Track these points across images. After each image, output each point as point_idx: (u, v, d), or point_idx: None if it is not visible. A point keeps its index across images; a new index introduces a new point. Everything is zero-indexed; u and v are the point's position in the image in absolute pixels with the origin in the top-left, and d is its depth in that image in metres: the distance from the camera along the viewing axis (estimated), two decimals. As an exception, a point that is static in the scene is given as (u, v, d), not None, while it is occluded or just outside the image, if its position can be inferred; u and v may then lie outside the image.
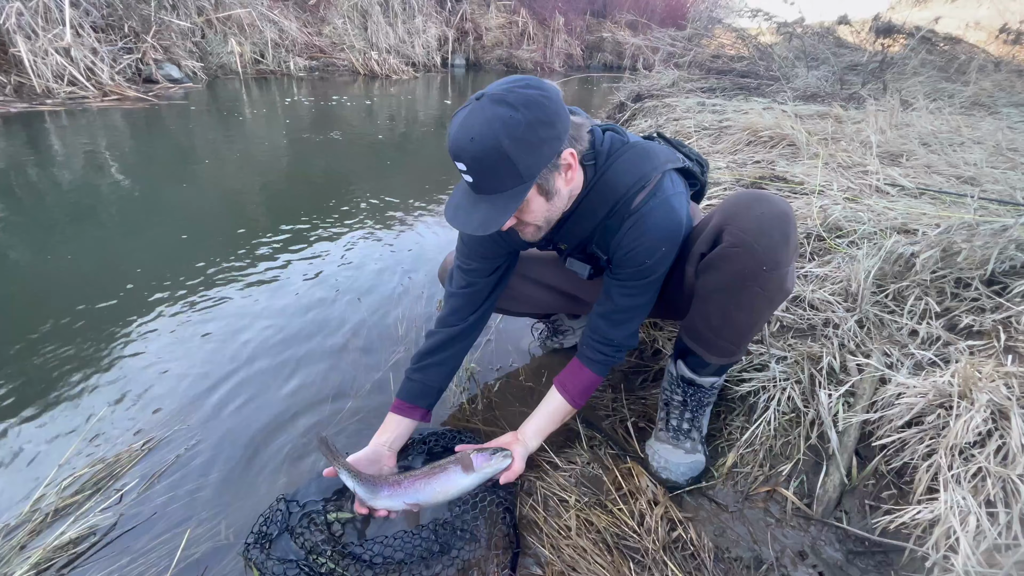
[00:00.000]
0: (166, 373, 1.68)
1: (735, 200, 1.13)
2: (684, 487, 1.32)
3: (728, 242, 1.09)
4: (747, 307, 1.16)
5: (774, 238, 1.06)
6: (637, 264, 1.19)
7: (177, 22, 6.23)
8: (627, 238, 1.18)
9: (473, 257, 1.36)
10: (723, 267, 1.11)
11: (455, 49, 10.75)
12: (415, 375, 1.39)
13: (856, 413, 1.29)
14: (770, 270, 1.07)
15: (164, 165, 3.41)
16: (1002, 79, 4.22)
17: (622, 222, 1.18)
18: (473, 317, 1.42)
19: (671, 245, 1.19)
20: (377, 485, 1.22)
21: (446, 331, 1.40)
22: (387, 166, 3.86)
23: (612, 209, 1.18)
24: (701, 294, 1.21)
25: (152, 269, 2.23)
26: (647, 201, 1.16)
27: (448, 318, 1.42)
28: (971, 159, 2.55)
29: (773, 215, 1.07)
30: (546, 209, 1.10)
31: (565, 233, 1.27)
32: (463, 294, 1.39)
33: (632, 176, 1.16)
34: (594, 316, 1.31)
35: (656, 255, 1.17)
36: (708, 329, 1.23)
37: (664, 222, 1.16)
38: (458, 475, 1.20)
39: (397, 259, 2.50)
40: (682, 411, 1.38)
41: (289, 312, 2.03)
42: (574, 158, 1.06)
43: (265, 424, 1.51)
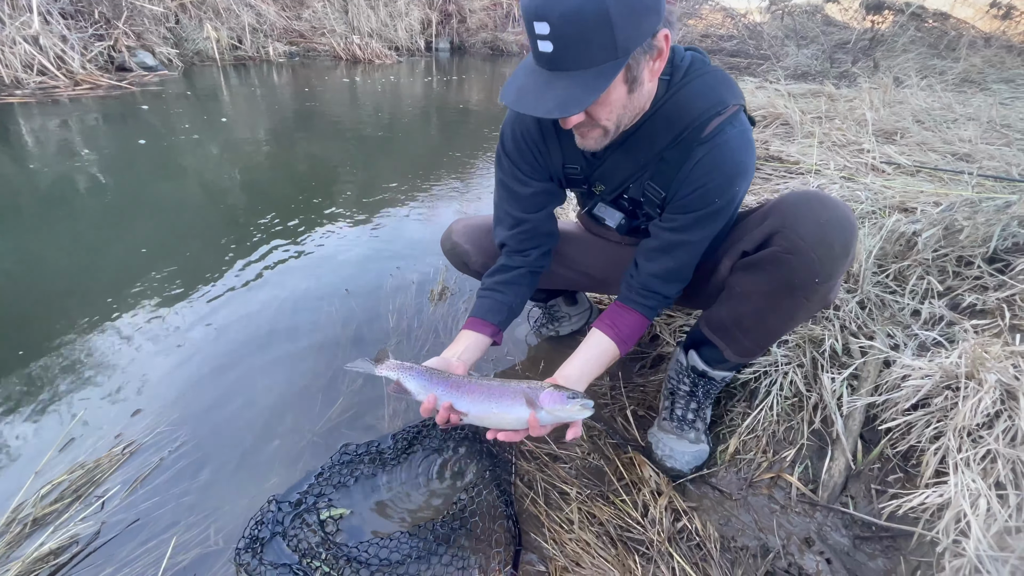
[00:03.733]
0: (147, 373, 1.61)
1: (795, 200, 1.02)
2: (688, 476, 1.29)
3: (782, 247, 1.00)
4: (786, 315, 1.10)
5: (834, 250, 0.97)
6: (704, 205, 1.04)
7: (149, 7, 5.99)
8: (698, 171, 1.01)
9: (513, 192, 1.23)
10: (772, 272, 1.03)
11: (439, 32, 10.51)
12: (484, 292, 1.29)
13: (861, 396, 1.27)
14: (822, 282, 1.00)
15: (140, 157, 3.28)
16: (992, 55, 4.20)
17: (689, 153, 1.02)
18: (535, 252, 1.28)
19: (744, 187, 1.04)
20: (433, 379, 1.11)
21: (509, 274, 1.28)
22: (372, 153, 3.76)
23: (678, 136, 1.02)
24: (737, 292, 1.12)
25: (129, 266, 2.15)
26: (724, 129, 0.99)
27: (506, 262, 1.30)
28: (965, 135, 2.53)
29: (838, 224, 0.96)
30: (624, 104, 0.93)
31: (611, 166, 1.13)
32: (515, 235, 1.27)
33: (708, 100, 0.99)
34: (644, 274, 1.16)
35: (728, 195, 1.03)
36: (737, 327, 1.16)
37: (743, 156, 1.01)
38: (519, 406, 1.04)
39: (385, 248, 2.43)
40: (688, 401, 1.34)
41: (275, 306, 1.96)
42: (667, 42, 0.87)
43: (253, 423, 1.46)
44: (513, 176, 1.23)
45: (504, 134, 1.21)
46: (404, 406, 1.54)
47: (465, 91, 6.46)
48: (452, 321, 1.93)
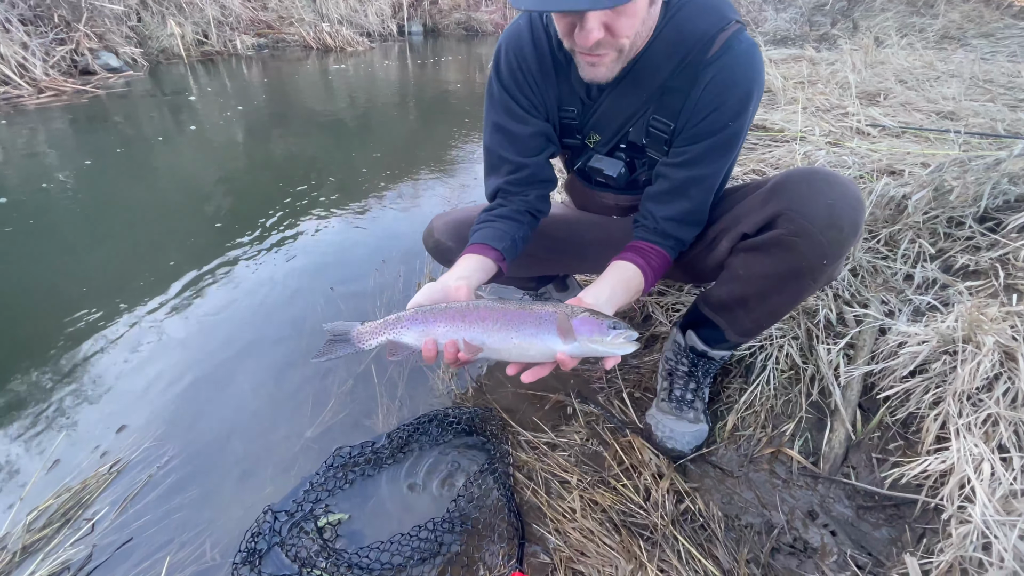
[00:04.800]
0: (130, 387, 1.57)
1: (799, 180, 0.96)
2: (689, 456, 1.28)
3: (788, 230, 0.95)
4: (792, 297, 1.07)
5: (844, 231, 0.92)
6: (718, 130, 0.98)
7: (110, 6, 5.75)
8: (708, 94, 0.95)
9: (509, 133, 1.12)
10: (777, 255, 0.98)
11: (411, 15, 10.26)
12: (479, 225, 1.15)
13: (858, 366, 1.25)
14: (830, 263, 0.97)
15: (111, 163, 3.17)
16: (969, 9, 4.16)
17: (696, 76, 0.96)
18: (534, 193, 1.17)
19: (755, 105, 0.98)
20: (430, 316, 0.90)
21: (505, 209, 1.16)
22: (350, 144, 3.67)
23: (682, 61, 0.95)
24: (740, 274, 1.07)
25: (105, 278, 2.08)
26: (731, 45, 0.93)
27: (501, 202, 1.18)
28: (949, 93, 2.51)
29: (846, 203, 0.92)
30: (643, 19, 0.87)
31: (609, 109, 1.06)
32: (512, 180, 1.15)
33: (710, 17, 0.93)
34: (660, 219, 1.09)
35: (743, 117, 0.97)
36: (740, 308, 1.12)
37: (754, 72, 0.95)
38: (546, 335, 0.85)
39: (369, 243, 2.38)
40: (687, 381, 1.33)
41: (259, 310, 1.91)
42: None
43: (243, 431, 1.42)
44: (509, 112, 1.11)
45: (498, 63, 1.10)
46: (398, 404, 1.51)
47: (441, 73, 6.32)
48: (442, 313, 1.89)
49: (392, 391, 1.55)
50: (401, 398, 1.53)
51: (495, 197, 1.21)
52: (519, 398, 1.51)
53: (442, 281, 1.01)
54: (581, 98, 1.08)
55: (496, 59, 1.11)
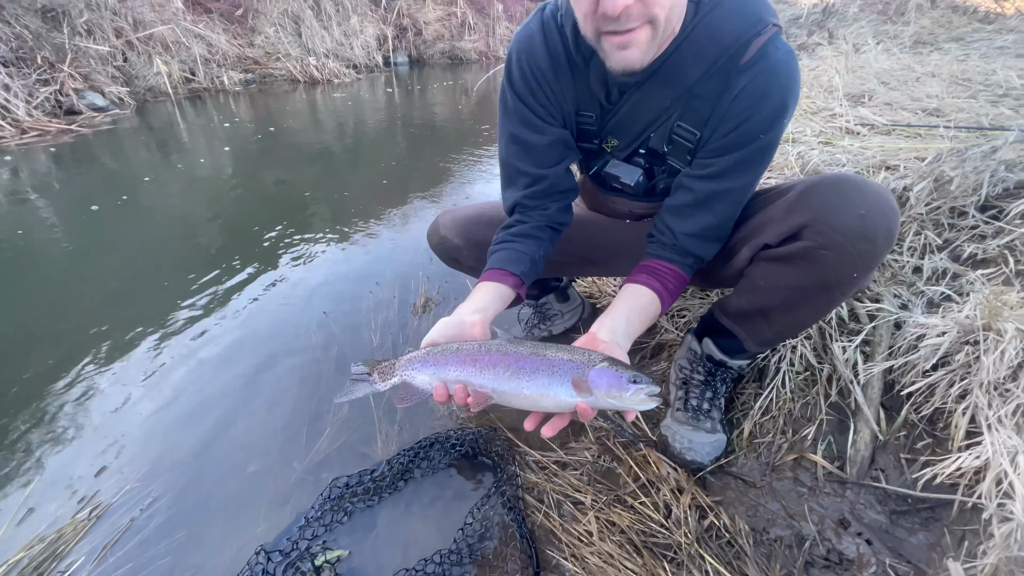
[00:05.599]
0: (110, 427, 1.48)
1: (826, 188, 0.90)
2: (709, 468, 1.21)
3: (816, 242, 0.88)
4: (819, 309, 1.02)
5: (878, 243, 0.86)
6: (748, 142, 0.92)
7: (94, 47, 5.79)
8: (740, 103, 0.89)
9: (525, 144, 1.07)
10: (804, 267, 0.92)
11: (396, 47, 10.42)
12: (498, 246, 1.10)
13: (877, 363, 1.20)
14: (861, 276, 0.91)
15: (97, 201, 3.11)
16: (939, 16, 4.27)
17: (727, 82, 0.89)
18: (555, 206, 1.11)
19: (790, 116, 0.92)
20: (442, 359, 0.86)
21: (525, 226, 1.11)
22: (338, 173, 3.64)
23: (713, 64, 0.88)
24: (761, 285, 1.01)
25: (87, 314, 2.00)
26: (767, 52, 0.86)
27: (520, 218, 1.12)
28: (931, 92, 2.53)
29: (880, 213, 0.85)
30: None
31: (630, 112, 0.99)
32: (530, 193, 1.10)
33: (746, 19, 0.86)
34: (680, 235, 1.02)
35: (776, 129, 0.91)
36: (762, 318, 1.07)
37: (791, 83, 0.89)
38: (558, 387, 0.79)
39: (361, 266, 2.32)
40: (703, 390, 1.27)
41: (249, 340, 1.84)
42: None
43: (234, 467, 1.34)
44: (523, 121, 1.06)
45: (510, 71, 1.05)
46: (397, 428, 1.44)
47: (428, 101, 6.38)
48: (439, 333, 1.83)
49: (391, 415, 1.47)
50: (400, 422, 1.45)
51: (513, 212, 1.15)
52: (524, 416, 1.43)
53: (458, 315, 0.96)
54: (600, 102, 1.02)
55: (508, 67, 1.06)
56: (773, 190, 1.05)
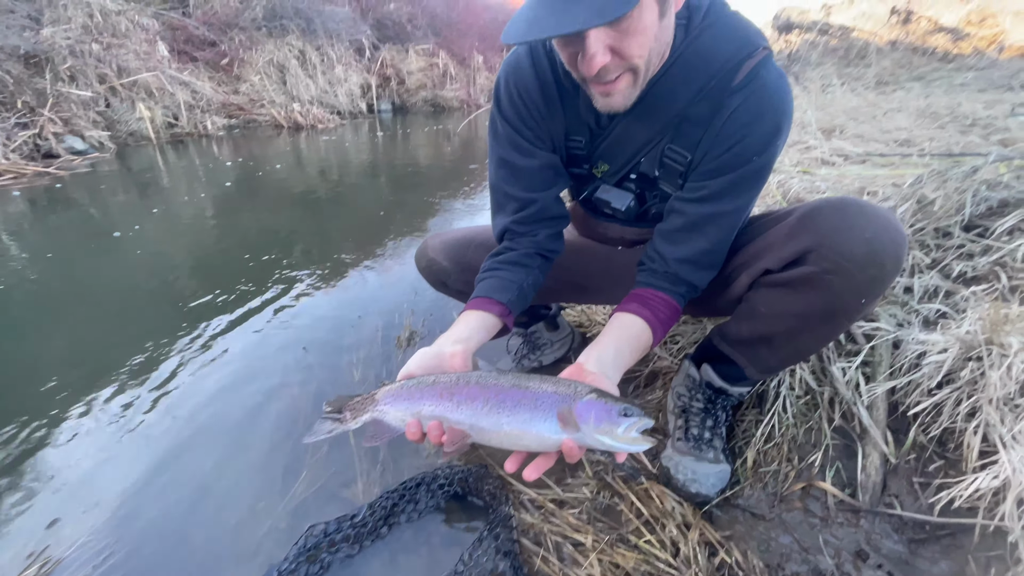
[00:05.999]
0: (64, 477, 1.35)
1: (830, 211, 0.86)
2: (714, 500, 1.14)
3: (821, 267, 0.85)
4: (824, 336, 0.99)
5: (886, 268, 0.83)
6: (741, 164, 0.89)
7: (77, 93, 5.80)
8: (732, 124, 0.87)
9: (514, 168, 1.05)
10: (808, 294, 0.89)
11: (380, 95, 10.70)
12: (484, 274, 1.06)
13: (879, 383, 1.17)
14: (869, 302, 0.88)
15: (71, 244, 3.02)
16: (900, 57, 4.54)
17: (719, 105, 0.88)
18: (544, 232, 1.09)
19: (784, 138, 0.91)
20: (415, 392, 0.78)
21: (513, 253, 1.08)
22: (321, 216, 3.61)
23: (704, 87, 0.87)
24: (763, 312, 0.97)
25: (50, 359, 1.88)
26: (759, 73, 0.86)
27: (509, 245, 1.09)
28: (900, 124, 2.64)
29: (887, 237, 0.82)
30: (655, 35, 0.78)
31: (620, 137, 0.98)
32: (519, 219, 1.08)
33: (737, 41, 0.86)
34: (672, 261, 0.98)
35: (769, 150, 0.89)
36: (764, 346, 1.02)
37: (783, 103, 0.87)
38: (542, 422, 0.71)
39: (343, 303, 2.25)
40: (703, 418, 1.21)
41: (220, 381, 1.73)
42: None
43: (200, 517, 1.22)
44: (513, 145, 1.05)
45: (498, 96, 1.05)
46: (380, 469, 1.34)
47: (411, 145, 6.48)
48: (425, 367, 1.75)
49: (373, 455, 1.38)
50: (383, 462, 1.36)
51: (503, 238, 1.12)
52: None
53: (438, 345, 0.91)
54: (590, 126, 1.01)
55: (496, 92, 1.06)
56: (770, 215, 1.02)
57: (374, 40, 10.61)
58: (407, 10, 11.26)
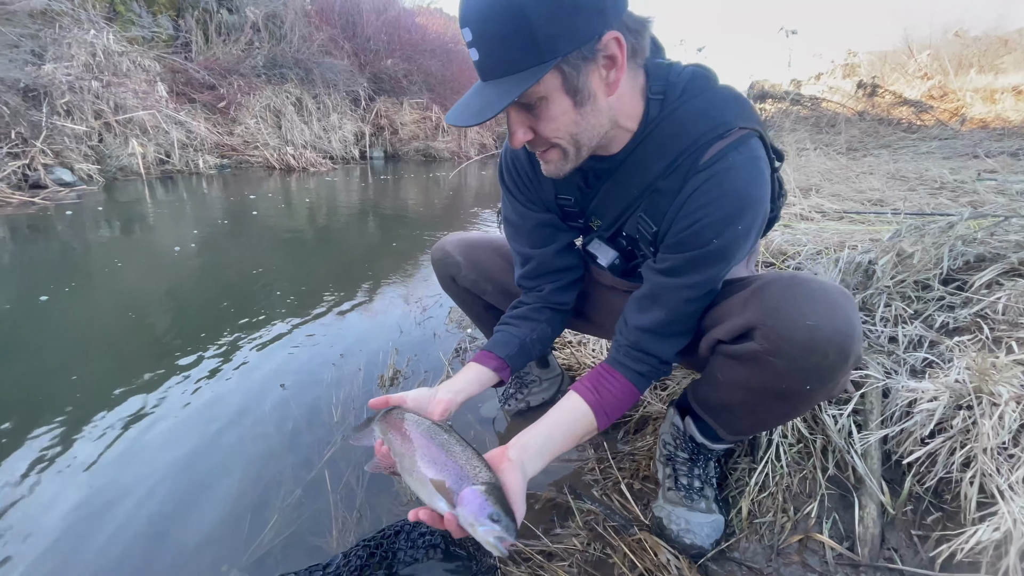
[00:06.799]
0: (17, 512, 1.24)
1: (778, 290, 0.84)
2: (710, 551, 1.09)
3: (763, 347, 0.84)
4: (783, 414, 0.99)
5: (828, 358, 0.80)
6: (699, 244, 0.87)
7: (71, 126, 5.83)
8: (692, 203, 0.86)
9: (516, 227, 1.17)
10: (755, 371, 0.88)
11: (372, 143, 10.96)
12: (497, 328, 1.19)
13: (872, 431, 1.15)
14: (817, 388, 0.86)
15: (48, 275, 2.93)
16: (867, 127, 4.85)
17: (684, 182, 0.87)
18: (549, 287, 1.18)
19: (751, 222, 0.87)
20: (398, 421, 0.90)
21: (522, 308, 1.20)
22: (307, 257, 3.59)
23: (673, 162, 0.88)
24: (720, 380, 0.97)
25: (19, 391, 1.78)
26: (726, 154, 0.84)
27: (521, 299, 1.23)
28: (873, 186, 2.77)
29: (831, 327, 0.79)
30: (574, 120, 0.82)
31: (605, 198, 1.00)
32: (526, 272, 1.20)
33: (709, 121, 0.85)
34: (633, 328, 0.99)
35: (728, 234, 0.85)
36: (728, 413, 1.03)
37: (748, 188, 0.84)
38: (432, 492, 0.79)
39: (325, 342, 2.19)
40: (691, 467, 1.18)
41: (193, 419, 1.64)
42: (621, 48, 0.77)
43: (156, 568, 1.12)
44: (513, 208, 1.16)
45: (500, 165, 1.16)
46: (356, 516, 1.26)
47: (401, 195, 6.58)
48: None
49: (349, 499, 1.30)
50: (360, 507, 1.28)
51: (520, 288, 1.25)
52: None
53: (435, 389, 1.00)
54: (579, 186, 1.05)
55: (499, 161, 1.18)
56: (736, 281, 0.99)
57: (370, 92, 10.99)
58: (403, 67, 11.74)
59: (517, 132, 0.84)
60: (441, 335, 2.25)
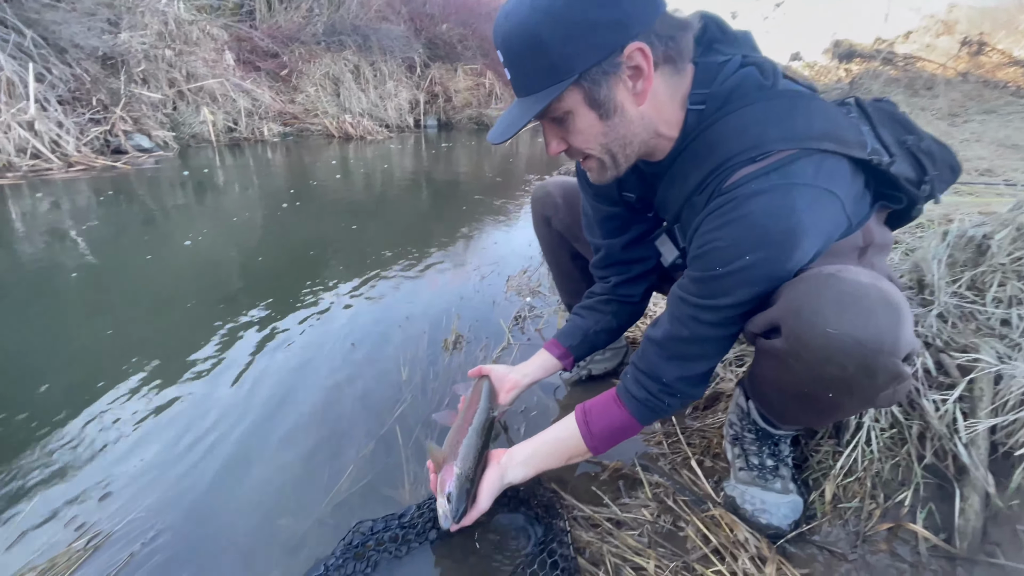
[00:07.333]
0: (118, 451, 1.36)
1: (808, 287, 0.75)
2: (788, 533, 1.05)
3: (784, 347, 0.78)
4: (815, 415, 0.94)
5: (847, 370, 0.72)
6: (705, 268, 0.83)
7: (148, 94, 6.15)
8: (706, 225, 0.82)
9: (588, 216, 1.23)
10: (778, 368, 0.84)
11: (427, 111, 10.97)
12: (570, 315, 1.33)
13: (981, 420, 1.06)
14: (842, 399, 0.80)
15: (132, 236, 3.15)
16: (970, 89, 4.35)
17: (709, 201, 0.83)
18: (614, 278, 1.25)
19: (764, 261, 0.77)
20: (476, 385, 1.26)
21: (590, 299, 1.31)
22: (365, 224, 3.66)
23: (704, 181, 0.84)
24: (755, 371, 0.97)
25: (107, 340, 1.94)
26: (751, 180, 0.76)
27: (591, 289, 1.32)
28: (980, 154, 2.49)
29: (853, 337, 0.70)
30: (601, 132, 0.82)
31: (663, 197, 0.99)
32: (596, 261, 1.27)
33: (744, 140, 0.78)
34: (646, 336, 0.98)
35: (734, 265, 0.78)
36: (767, 403, 1.02)
37: (766, 220, 0.75)
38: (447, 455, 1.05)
39: (389, 304, 2.24)
40: (760, 447, 1.13)
41: (268, 373, 1.73)
42: (646, 58, 0.74)
43: (244, 505, 1.20)
44: (586, 198, 1.21)
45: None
46: (426, 471, 1.30)
47: (453, 163, 6.57)
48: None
49: (420, 455, 1.34)
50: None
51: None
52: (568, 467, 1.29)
53: (511, 368, 1.29)
54: (640, 183, 1.06)
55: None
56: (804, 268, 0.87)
57: (425, 58, 10.93)
58: (458, 31, 11.55)
59: (551, 143, 0.88)
60: (500, 303, 2.25)
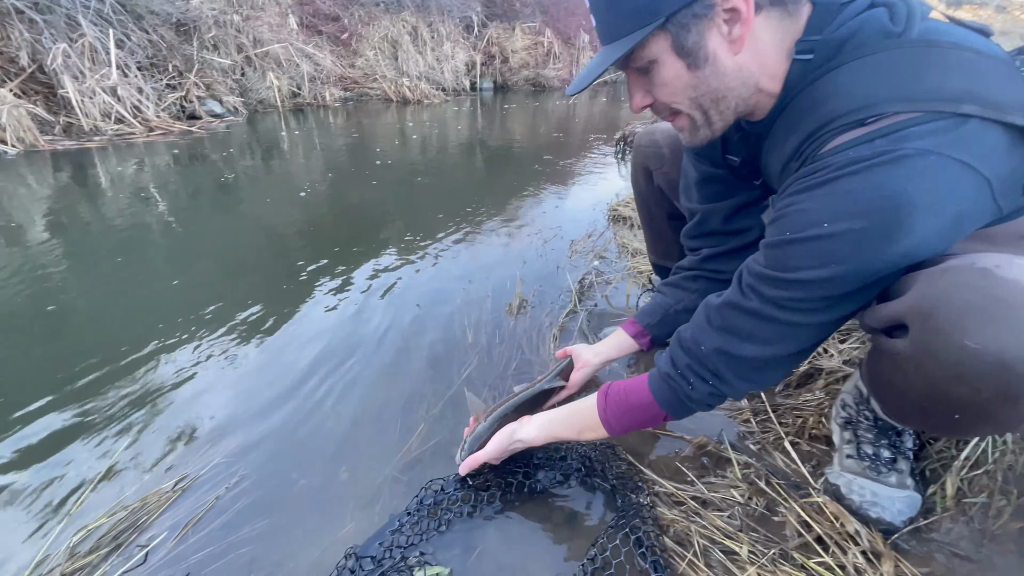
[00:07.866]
0: (203, 399, 1.42)
1: (949, 284, 0.60)
2: (900, 530, 0.94)
3: (907, 352, 0.66)
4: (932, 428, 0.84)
5: (981, 394, 0.59)
6: (777, 232, 0.72)
7: (219, 60, 6.34)
8: (791, 189, 0.71)
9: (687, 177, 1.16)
10: (896, 372, 0.72)
11: (483, 73, 10.76)
12: (654, 292, 1.31)
13: None
14: (971, 423, 0.67)
15: (207, 197, 3.28)
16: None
17: (801, 167, 0.73)
18: (705, 250, 1.18)
19: (852, 234, 0.63)
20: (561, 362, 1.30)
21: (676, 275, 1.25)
22: (431, 186, 3.63)
23: (800, 147, 0.73)
24: (870, 363, 0.85)
25: (192, 298, 2.02)
26: (851, 147, 0.64)
27: (679, 263, 1.27)
28: None
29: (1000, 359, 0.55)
30: (690, 84, 0.74)
31: (767, 161, 0.88)
32: (689, 229, 1.21)
33: (851, 100, 0.65)
34: (703, 301, 0.88)
35: (807, 232, 0.66)
36: (882, 401, 0.90)
37: (863, 186, 0.61)
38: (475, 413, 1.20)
39: (451, 268, 2.21)
40: (877, 437, 1.00)
41: (342, 331, 1.74)
42: (747, 2, 0.66)
43: (320, 455, 1.22)
44: (686, 155, 1.14)
45: None
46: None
47: (508, 126, 6.40)
48: (537, 335, 1.66)
49: (490, 420, 1.31)
50: (501, 428, 1.28)
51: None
52: (645, 438, 1.22)
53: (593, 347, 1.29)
54: (745, 146, 0.94)
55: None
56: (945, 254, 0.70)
57: (483, 17, 10.66)
58: (516, -12, 11.17)
59: (635, 97, 0.81)
60: (564, 267, 2.17)
